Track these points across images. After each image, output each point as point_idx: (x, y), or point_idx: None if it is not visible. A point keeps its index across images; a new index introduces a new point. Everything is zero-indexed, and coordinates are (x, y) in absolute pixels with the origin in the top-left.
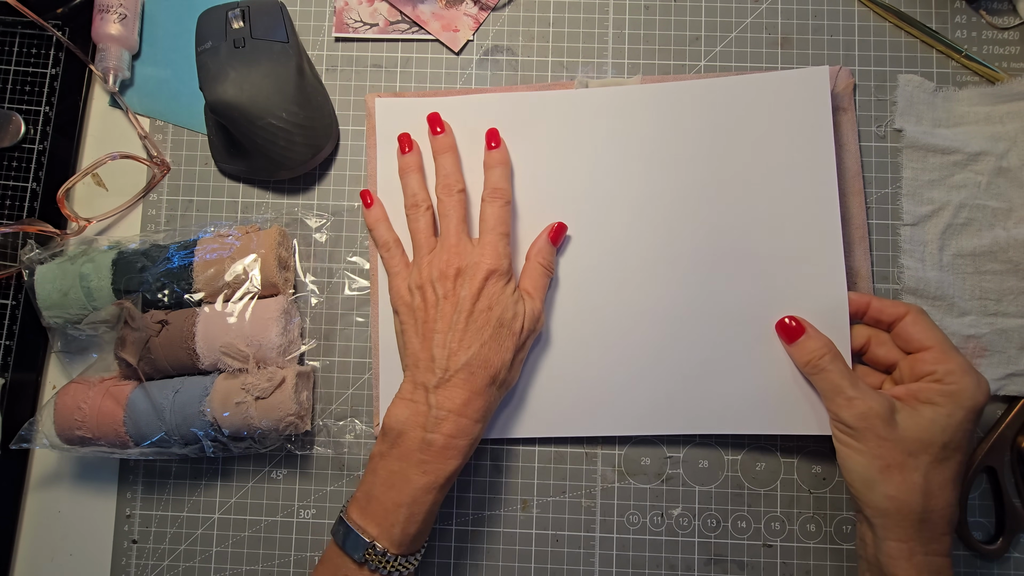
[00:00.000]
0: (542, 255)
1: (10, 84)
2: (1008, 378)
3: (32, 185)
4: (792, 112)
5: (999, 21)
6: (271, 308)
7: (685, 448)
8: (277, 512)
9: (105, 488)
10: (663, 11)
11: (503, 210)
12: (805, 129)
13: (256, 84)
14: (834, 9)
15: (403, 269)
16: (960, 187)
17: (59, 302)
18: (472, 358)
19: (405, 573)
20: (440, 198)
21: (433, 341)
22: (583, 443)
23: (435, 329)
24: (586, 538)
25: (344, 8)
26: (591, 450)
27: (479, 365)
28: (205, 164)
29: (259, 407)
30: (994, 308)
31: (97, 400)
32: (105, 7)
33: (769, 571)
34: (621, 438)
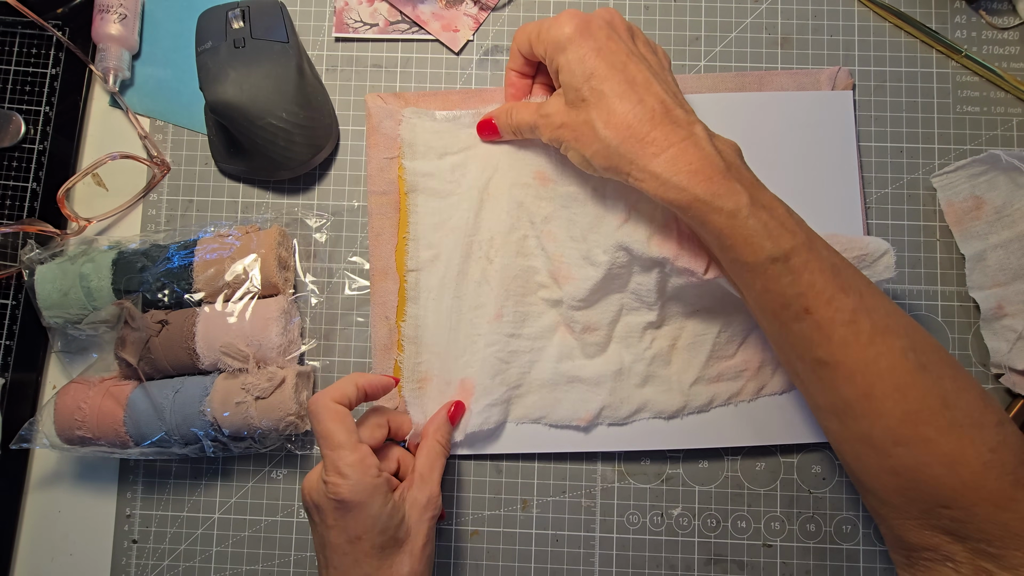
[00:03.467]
0: (440, 433)
1: (10, 84)
2: (488, 409)
3: (32, 185)
4: (817, 130)
5: (999, 21)
6: (271, 308)
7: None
8: (277, 512)
9: (105, 488)
10: (663, 11)
11: (365, 419)
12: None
13: (256, 84)
14: (834, 9)
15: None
16: (454, 229)
17: (59, 302)
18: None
19: None
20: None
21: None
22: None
23: (324, 561)
24: (586, 538)
25: (344, 8)
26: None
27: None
28: (205, 164)
29: (259, 407)
30: (479, 343)
31: (97, 400)
32: (105, 7)
33: (769, 571)
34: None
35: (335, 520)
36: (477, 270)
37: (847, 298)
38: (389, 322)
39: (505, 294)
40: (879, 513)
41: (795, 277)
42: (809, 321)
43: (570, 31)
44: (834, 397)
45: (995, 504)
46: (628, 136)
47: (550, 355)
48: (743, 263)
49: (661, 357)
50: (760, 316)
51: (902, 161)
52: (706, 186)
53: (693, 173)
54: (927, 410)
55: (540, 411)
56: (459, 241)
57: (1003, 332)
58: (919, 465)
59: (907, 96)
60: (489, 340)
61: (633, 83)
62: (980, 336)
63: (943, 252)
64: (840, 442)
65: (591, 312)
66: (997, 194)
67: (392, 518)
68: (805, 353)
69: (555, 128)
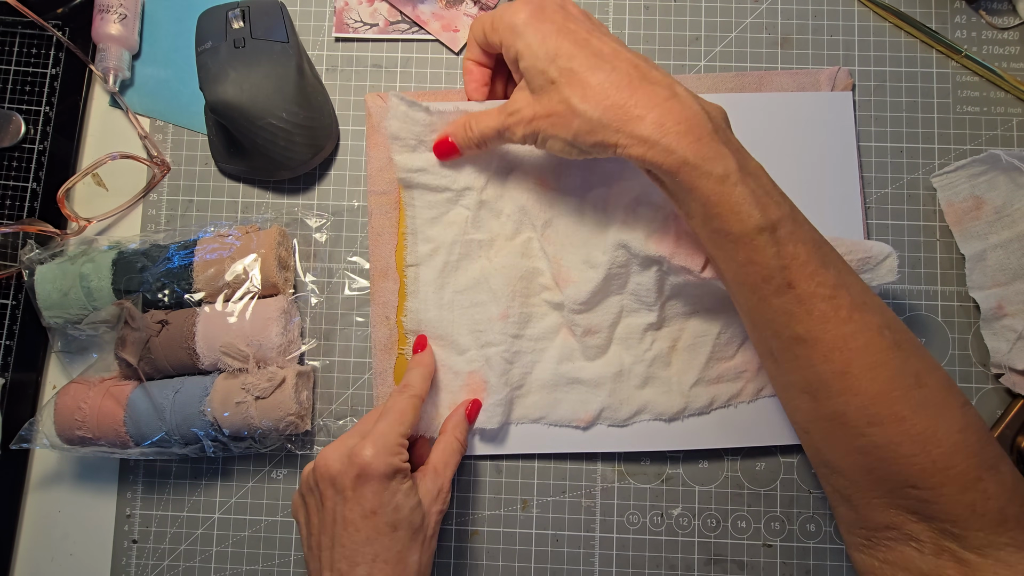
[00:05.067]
0: (458, 430)
1: (10, 84)
2: (493, 408)
3: (32, 185)
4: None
5: (999, 21)
6: (271, 308)
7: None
8: (277, 512)
9: (105, 488)
10: (663, 11)
11: (408, 403)
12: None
13: (256, 84)
14: (834, 9)
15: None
16: (452, 223)
17: (59, 302)
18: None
19: None
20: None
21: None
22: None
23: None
24: (586, 538)
25: (344, 8)
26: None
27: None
28: (205, 164)
29: (259, 407)
30: (484, 339)
31: (97, 400)
32: (105, 7)
33: (769, 571)
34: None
35: (353, 492)
36: (476, 268)
37: (828, 273)
38: (389, 322)
39: (511, 294)
40: (843, 493)
41: (780, 248)
42: (791, 295)
43: (525, 16)
44: (809, 375)
45: (961, 485)
46: (609, 105)
47: (551, 356)
48: (727, 233)
49: (661, 359)
50: (738, 291)
51: (902, 161)
52: (695, 148)
53: (682, 134)
54: (901, 389)
55: (540, 411)
56: (457, 237)
57: (1003, 332)
58: (890, 444)
59: (907, 96)
60: (495, 339)
61: (600, 55)
62: (980, 336)
63: (943, 252)
64: (810, 422)
65: (592, 315)
66: (997, 194)
67: (409, 498)
68: (783, 329)
69: (527, 122)
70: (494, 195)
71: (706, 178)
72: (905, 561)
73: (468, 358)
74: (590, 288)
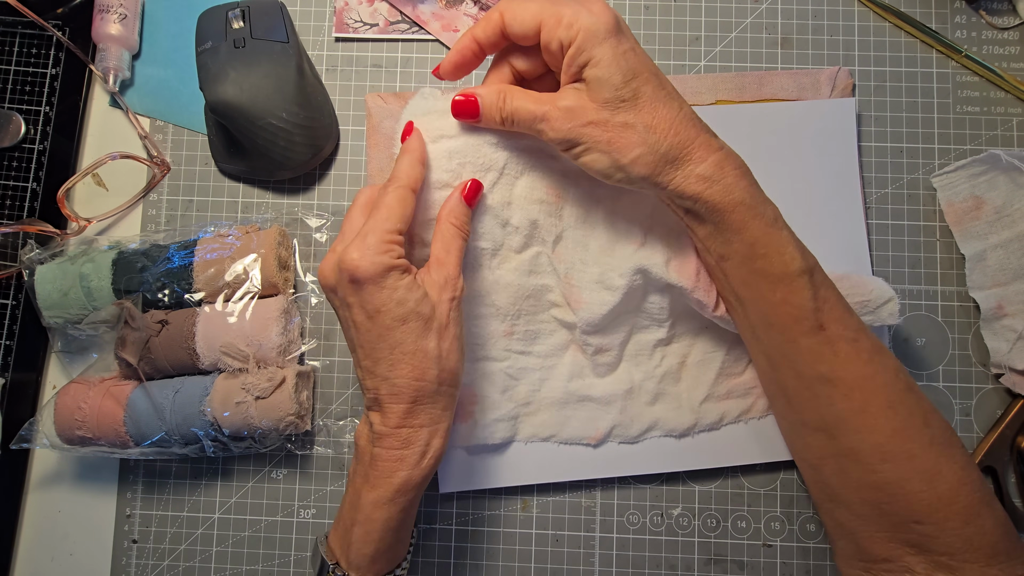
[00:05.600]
0: (454, 215)
1: (10, 84)
2: (494, 424)
3: (32, 185)
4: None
5: (999, 21)
6: (271, 308)
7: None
8: (277, 512)
9: (105, 488)
10: (663, 11)
11: (394, 195)
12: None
13: (256, 84)
14: (834, 9)
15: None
16: None
17: (59, 302)
18: (388, 373)
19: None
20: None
21: (355, 359)
22: None
23: (352, 345)
24: (586, 538)
25: (344, 8)
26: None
27: (400, 377)
28: (205, 164)
29: (259, 407)
30: (480, 353)
31: (97, 400)
32: (105, 7)
33: (769, 571)
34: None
35: (354, 296)
36: (477, 278)
37: (852, 318)
38: None
39: (516, 313)
40: (847, 527)
41: (816, 291)
42: (821, 336)
43: (609, 25)
44: (827, 413)
45: (964, 519)
46: (677, 141)
47: (561, 373)
48: (768, 274)
49: (671, 375)
50: (764, 331)
51: (902, 161)
52: (750, 191)
53: (739, 177)
54: (913, 428)
55: (550, 429)
56: None
57: (1003, 332)
58: (900, 480)
59: (907, 96)
60: (497, 355)
61: (667, 89)
62: (980, 336)
63: (943, 252)
64: (823, 458)
65: (604, 334)
66: (997, 194)
67: (412, 291)
68: (806, 368)
69: (580, 126)
70: (500, 202)
71: (759, 219)
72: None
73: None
74: (605, 311)
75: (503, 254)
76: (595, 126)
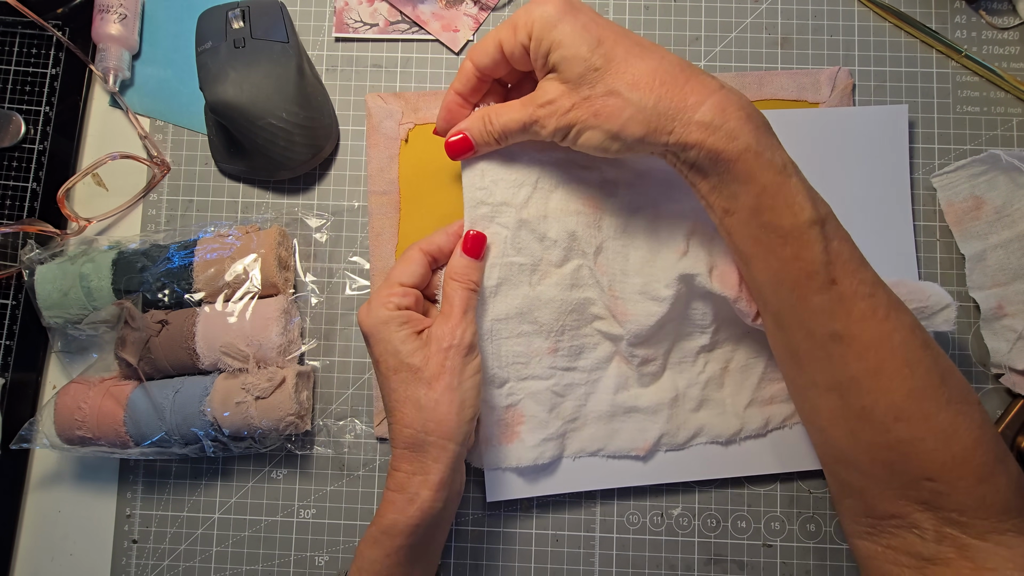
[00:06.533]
0: (454, 271)
1: (10, 84)
2: (543, 443)
3: (32, 185)
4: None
5: (999, 21)
6: (271, 308)
7: None
8: (277, 512)
9: (105, 488)
10: (663, 11)
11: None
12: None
13: (256, 84)
14: (834, 9)
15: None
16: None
17: (59, 302)
18: (390, 417)
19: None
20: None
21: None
22: None
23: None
24: (586, 538)
25: (344, 8)
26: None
27: (395, 422)
28: (205, 164)
29: (259, 407)
30: (525, 372)
31: (97, 400)
32: (105, 7)
33: (769, 571)
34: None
35: (369, 348)
36: (519, 295)
37: (867, 271)
38: None
39: (561, 329)
40: (855, 486)
41: (827, 244)
42: (833, 292)
43: (561, 5)
44: (840, 373)
45: (978, 478)
46: (665, 92)
47: (607, 386)
48: (778, 227)
49: (714, 380)
50: (774, 290)
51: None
52: (756, 135)
53: (744, 120)
54: (930, 387)
55: (598, 443)
56: (496, 260)
57: (1003, 332)
58: (915, 439)
59: (907, 96)
60: (542, 373)
61: (643, 45)
62: (980, 336)
63: (943, 252)
64: (834, 420)
65: (649, 345)
66: (997, 194)
67: (404, 344)
68: (818, 327)
69: (564, 113)
70: (536, 215)
71: (767, 167)
72: (907, 546)
73: (506, 391)
74: (652, 322)
75: (543, 269)
76: (578, 106)
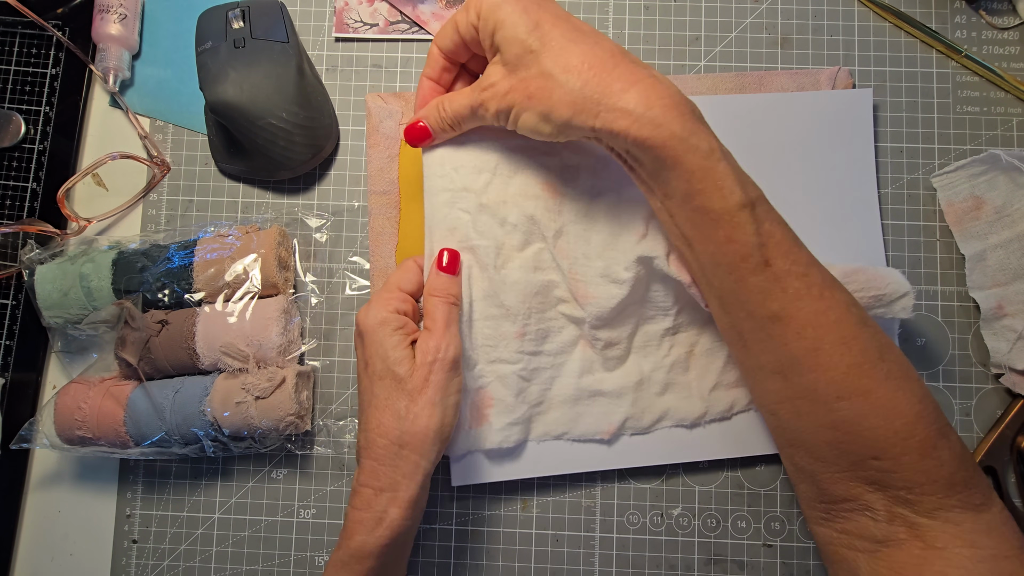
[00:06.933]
0: (433, 288)
1: (10, 84)
2: (508, 428)
3: (32, 185)
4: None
5: (999, 21)
6: (271, 308)
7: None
8: (277, 512)
9: (105, 488)
10: (663, 11)
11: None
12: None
13: (256, 84)
14: (834, 9)
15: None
16: (454, 229)
17: (59, 302)
18: (366, 423)
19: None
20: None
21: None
22: None
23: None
24: (586, 538)
25: (344, 8)
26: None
27: (370, 429)
28: (205, 164)
29: (259, 407)
30: (493, 355)
31: (97, 400)
32: (105, 7)
33: (769, 571)
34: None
35: (360, 349)
36: (485, 278)
37: (801, 252)
38: None
39: (527, 312)
40: (807, 470)
41: (759, 226)
42: (768, 273)
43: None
44: (781, 353)
45: (921, 452)
46: (592, 76)
47: (571, 370)
48: (709, 210)
49: (680, 364)
50: (714, 272)
51: (902, 161)
52: (681, 122)
53: (668, 108)
54: (868, 363)
55: (562, 427)
56: (461, 244)
57: (1003, 332)
58: (858, 417)
59: (907, 96)
60: (510, 358)
61: (581, 29)
62: (980, 336)
63: (943, 252)
64: (781, 401)
65: (612, 327)
66: (997, 194)
67: (395, 350)
68: (757, 308)
69: (502, 96)
70: (496, 200)
71: (693, 152)
72: (860, 529)
73: (476, 373)
74: (613, 304)
75: (505, 253)
76: (515, 88)
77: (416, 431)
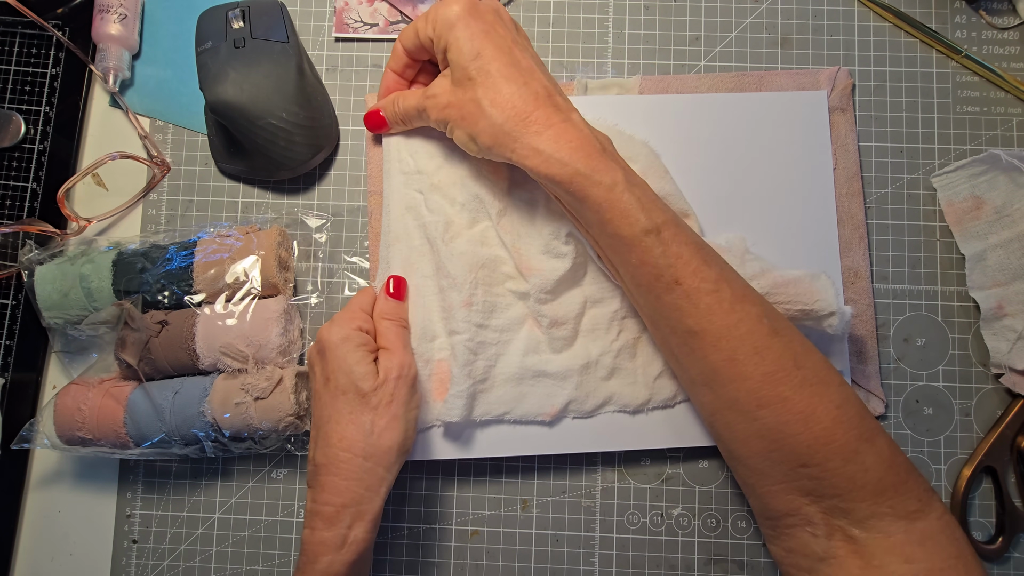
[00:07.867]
0: (384, 312)
1: (10, 84)
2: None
3: (32, 185)
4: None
5: (999, 21)
6: (271, 308)
7: (685, 448)
8: (277, 512)
9: (105, 488)
10: (663, 11)
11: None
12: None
13: (256, 84)
14: (834, 9)
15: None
16: (410, 208)
17: (59, 303)
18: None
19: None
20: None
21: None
22: None
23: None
24: (586, 538)
25: (344, 8)
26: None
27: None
28: (205, 164)
29: (259, 407)
30: (450, 326)
31: (97, 401)
32: (105, 7)
33: (769, 571)
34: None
35: (318, 366)
36: (433, 252)
37: (710, 270)
38: None
39: (473, 282)
40: (748, 483)
41: (665, 248)
42: (679, 291)
43: (459, 10)
44: (703, 365)
45: (843, 457)
46: (513, 115)
47: (516, 348)
48: (620, 237)
49: (627, 349)
50: (636, 293)
51: (902, 161)
52: (586, 161)
53: (574, 149)
54: (782, 370)
55: (504, 407)
56: (417, 220)
57: (1003, 332)
58: (779, 424)
59: (907, 96)
60: (460, 328)
61: (518, 66)
62: (980, 336)
63: (943, 252)
64: (713, 413)
65: (558, 305)
66: (997, 194)
67: (359, 365)
68: (677, 324)
69: (441, 108)
70: (447, 182)
71: (596, 186)
72: (802, 547)
73: (438, 345)
74: (556, 277)
75: (455, 229)
76: (452, 105)
77: (382, 444)
